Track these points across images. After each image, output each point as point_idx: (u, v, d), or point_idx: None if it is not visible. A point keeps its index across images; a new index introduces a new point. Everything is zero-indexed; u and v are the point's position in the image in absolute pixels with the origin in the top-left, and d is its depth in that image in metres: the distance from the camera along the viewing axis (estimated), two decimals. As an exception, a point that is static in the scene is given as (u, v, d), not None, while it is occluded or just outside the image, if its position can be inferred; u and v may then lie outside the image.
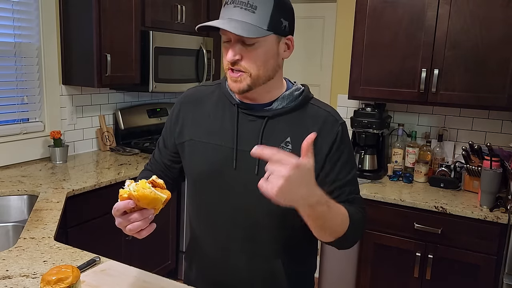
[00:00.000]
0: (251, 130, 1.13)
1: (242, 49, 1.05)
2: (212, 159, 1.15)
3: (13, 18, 2.51)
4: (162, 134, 1.30)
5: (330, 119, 1.14)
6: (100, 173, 2.52)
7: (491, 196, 2.25)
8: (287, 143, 1.11)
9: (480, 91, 2.40)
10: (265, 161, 0.94)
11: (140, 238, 1.04)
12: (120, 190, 0.99)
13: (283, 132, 1.12)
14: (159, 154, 1.31)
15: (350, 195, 1.13)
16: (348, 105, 3.10)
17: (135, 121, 3.29)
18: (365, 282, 2.56)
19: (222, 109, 1.17)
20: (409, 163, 2.80)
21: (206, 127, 1.18)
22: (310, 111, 1.15)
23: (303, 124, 1.12)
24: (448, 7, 2.41)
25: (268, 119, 1.13)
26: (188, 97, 1.26)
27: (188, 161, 1.21)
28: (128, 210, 1.00)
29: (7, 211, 2.11)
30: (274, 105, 1.14)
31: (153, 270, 1.26)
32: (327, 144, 1.11)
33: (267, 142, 1.10)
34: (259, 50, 1.05)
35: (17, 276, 1.26)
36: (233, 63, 1.06)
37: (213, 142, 1.15)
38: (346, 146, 1.14)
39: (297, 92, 1.16)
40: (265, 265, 1.18)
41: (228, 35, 1.05)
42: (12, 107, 2.59)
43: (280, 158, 0.86)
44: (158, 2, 2.97)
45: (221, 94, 1.20)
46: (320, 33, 3.67)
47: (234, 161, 1.12)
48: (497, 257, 2.20)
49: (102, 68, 2.61)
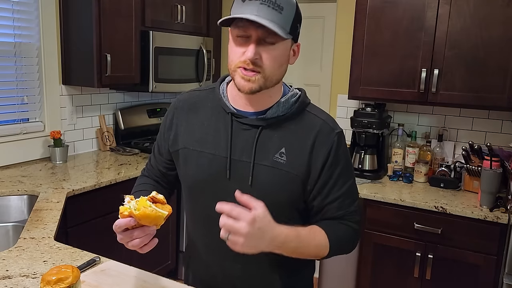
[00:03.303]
0: (245, 140, 1.11)
1: (261, 48, 1.01)
2: (206, 168, 1.13)
3: (13, 18, 2.51)
4: (157, 141, 1.29)
5: (326, 128, 1.12)
6: (100, 173, 2.52)
7: (491, 196, 2.24)
8: (281, 154, 1.09)
9: (480, 91, 2.40)
10: (259, 172, 1.06)
11: (142, 253, 1.04)
12: (121, 208, 0.98)
13: (277, 142, 1.10)
14: (154, 161, 1.31)
15: (340, 211, 1.13)
16: (348, 105, 3.10)
17: (135, 121, 3.29)
18: (365, 282, 2.56)
19: (216, 117, 1.15)
20: (409, 163, 2.80)
21: (200, 135, 1.16)
22: (306, 120, 1.13)
23: (297, 133, 1.11)
24: (448, 7, 2.41)
25: (262, 129, 1.10)
26: (182, 102, 1.23)
27: (182, 169, 1.20)
28: (129, 227, 1.00)
29: (7, 211, 2.11)
30: (268, 113, 1.11)
31: (153, 270, 1.26)
32: (323, 155, 1.10)
33: (261, 152, 1.09)
34: (277, 52, 1.03)
35: (17, 276, 1.26)
36: (252, 62, 1.01)
37: (207, 151, 1.13)
38: (342, 157, 1.12)
39: (294, 98, 1.14)
40: (261, 273, 1.18)
41: (249, 31, 1.00)
42: (12, 107, 2.59)
43: (237, 215, 0.90)
44: (158, 2, 2.97)
45: (215, 101, 1.17)
46: (320, 33, 3.67)
47: (228, 170, 1.10)
48: (497, 257, 2.20)
49: (102, 68, 2.61)
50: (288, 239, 0.99)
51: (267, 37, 1.00)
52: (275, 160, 1.08)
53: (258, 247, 0.94)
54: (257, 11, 0.98)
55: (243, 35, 1.02)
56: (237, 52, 1.03)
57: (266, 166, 1.09)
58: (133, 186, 1.33)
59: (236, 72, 1.04)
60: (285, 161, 1.08)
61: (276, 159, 1.09)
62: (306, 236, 1.04)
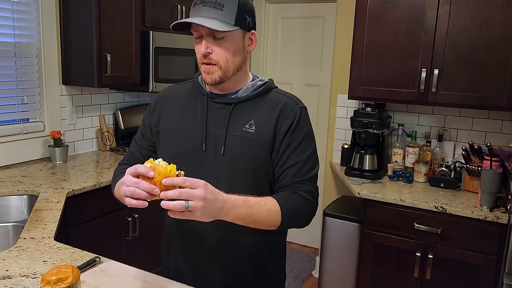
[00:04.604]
0: (219, 116, 1.24)
1: (213, 43, 1.17)
2: (184, 143, 1.25)
3: (13, 18, 2.51)
4: (140, 128, 1.40)
5: (290, 103, 1.26)
6: (100, 173, 2.52)
7: (491, 196, 2.24)
8: (251, 124, 1.22)
9: (480, 91, 2.40)
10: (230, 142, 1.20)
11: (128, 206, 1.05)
12: (150, 160, 1.04)
13: (247, 115, 1.23)
14: (136, 147, 1.39)
15: (295, 178, 1.22)
16: (348, 105, 3.10)
17: (135, 121, 3.29)
18: (365, 282, 2.56)
19: (194, 99, 1.29)
20: (409, 163, 2.80)
21: (179, 116, 1.29)
22: (273, 97, 1.27)
23: (265, 108, 1.24)
24: (448, 7, 2.41)
25: (235, 105, 1.24)
26: (165, 92, 1.38)
27: (162, 146, 1.30)
28: (141, 178, 1.02)
29: (7, 211, 2.11)
30: (239, 93, 1.26)
31: (153, 270, 1.26)
32: (286, 126, 1.22)
33: (232, 126, 1.22)
34: (227, 44, 1.17)
35: (17, 276, 1.26)
36: (205, 56, 1.17)
37: (185, 128, 1.26)
38: (303, 128, 1.24)
39: (260, 82, 1.28)
40: (238, 239, 1.25)
41: (200, 31, 1.16)
42: (12, 107, 2.59)
43: (191, 184, 1.00)
44: (158, 2, 2.97)
45: (193, 87, 1.32)
46: (320, 33, 3.67)
47: (204, 144, 1.23)
48: (497, 257, 2.20)
49: (102, 68, 2.61)
50: (236, 204, 1.09)
51: (214, 32, 1.15)
52: (245, 130, 1.22)
53: (213, 213, 1.04)
54: (201, 12, 1.14)
55: (198, 35, 1.18)
56: (198, 50, 1.20)
57: (236, 136, 1.22)
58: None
59: (201, 68, 1.21)
60: (254, 131, 1.22)
61: (245, 129, 1.22)
62: (256, 203, 1.14)
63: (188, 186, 1.00)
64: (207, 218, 1.04)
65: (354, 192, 2.52)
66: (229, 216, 1.09)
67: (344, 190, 3.21)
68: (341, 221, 2.73)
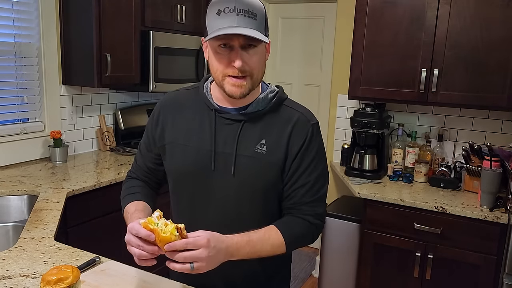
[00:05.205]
0: (228, 133, 1.18)
1: (245, 55, 1.09)
2: (192, 160, 1.20)
3: (13, 18, 2.51)
4: (143, 139, 1.34)
5: (302, 119, 1.20)
6: (100, 173, 2.52)
7: (491, 196, 2.24)
8: (262, 145, 1.17)
9: (480, 91, 2.40)
10: (241, 162, 1.15)
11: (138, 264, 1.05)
12: (148, 219, 1.00)
13: (258, 134, 1.18)
14: (141, 159, 1.36)
15: (303, 199, 1.19)
16: (348, 105, 3.10)
17: (135, 121, 3.29)
18: (365, 282, 2.56)
19: (201, 113, 1.22)
20: (409, 163, 2.80)
21: (185, 130, 1.22)
22: (284, 113, 1.21)
23: (277, 125, 1.19)
24: (448, 7, 2.41)
25: (244, 123, 1.18)
26: (168, 101, 1.29)
27: (169, 162, 1.26)
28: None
29: (7, 211, 2.11)
30: (249, 109, 1.19)
31: (153, 270, 1.26)
32: (298, 145, 1.18)
33: (243, 144, 1.17)
34: (259, 54, 1.12)
35: (17, 276, 1.26)
36: (241, 70, 1.09)
37: (193, 144, 1.20)
38: (315, 146, 1.20)
39: (271, 94, 1.22)
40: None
41: (232, 42, 1.07)
42: (12, 107, 2.59)
43: (193, 244, 0.98)
44: (158, 2, 2.97)
45: (199, 99, 1.24)
46: (320, 33, 3.67)
47: (213, 162, 1.18)
48: (497, 257, 2.20)
49: (102, 68, 2.61)
50: (240, 246, 1.08)
51: (249, 42, 1.08)
52: (256, 150, 1.16)
53: (218, 262, 1.03)
54: (236, 22, 1.06)
55: (225, 45, 1.09)
56: (222, 62, 1.10)
57: (247, 156, 1.17)
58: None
59: (225, 80, 1.12)
60: (266, 152, 1.17)
61: (257, 149, 1.17)
62: (259, 240, 1.12)
63: (191, 248, 0.98)
64: (212, 268, 1.03)
65: (354, 192, 2.52)
66: (233, 258, 1.08)
67: (344, 190, 3.21)
68: (341, 221, 2.73)
